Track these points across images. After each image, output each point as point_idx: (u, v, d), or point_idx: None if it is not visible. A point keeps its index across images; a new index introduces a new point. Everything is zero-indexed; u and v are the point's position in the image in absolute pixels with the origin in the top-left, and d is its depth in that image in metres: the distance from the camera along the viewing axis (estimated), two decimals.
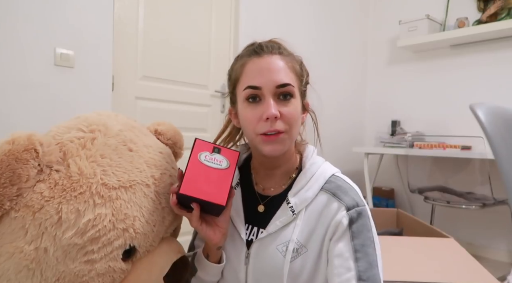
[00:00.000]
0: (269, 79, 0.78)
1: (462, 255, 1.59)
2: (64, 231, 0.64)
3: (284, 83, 0.79)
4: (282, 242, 0.82)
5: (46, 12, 1.77)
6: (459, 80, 3.15)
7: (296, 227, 0.81)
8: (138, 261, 0.76)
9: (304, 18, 3.11)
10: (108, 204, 0.68)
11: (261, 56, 0.81)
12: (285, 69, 0.80)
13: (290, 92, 0.80)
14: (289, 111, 0.79)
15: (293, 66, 0.83)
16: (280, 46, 0.84)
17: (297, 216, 0.82)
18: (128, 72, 2.15)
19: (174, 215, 0.83)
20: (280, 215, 0.83)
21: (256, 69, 0.80)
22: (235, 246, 0.86)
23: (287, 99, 0.80)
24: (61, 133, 0.71)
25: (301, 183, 0.85)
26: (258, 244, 0.84)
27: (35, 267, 0.65)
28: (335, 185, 0.84)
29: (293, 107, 0.80)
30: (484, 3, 2.98)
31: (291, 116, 0.79)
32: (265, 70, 0.79)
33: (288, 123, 0.79)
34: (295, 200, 0.83)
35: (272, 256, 0.82)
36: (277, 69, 0.79)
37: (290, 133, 0.80)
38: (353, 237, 0.78)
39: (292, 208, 0.82)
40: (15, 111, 1.69)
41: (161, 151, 0.85)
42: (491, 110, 1.13)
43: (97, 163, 0.69)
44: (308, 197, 0.83)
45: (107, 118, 0.78)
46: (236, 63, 0.86)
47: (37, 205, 0.64)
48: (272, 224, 0.83)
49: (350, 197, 0.81)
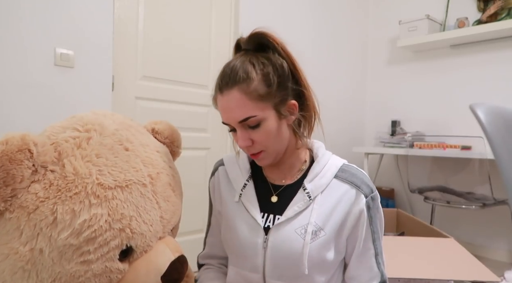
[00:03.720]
0: (231, 117, 0.82)
1: (463, 254, 1.59)
2: (60, 231, 0.64)
3: (243, 118, 0.81)
4: (301, 225, 0.85)
5: (46, 12, 1.76)
6: (459, 80, 3.14)
7: (313, 210, 0.85)
8: (135, 261, 0.76)
9: (304, 18, 3.10)
10: (104, 204, 0.67)
11: (222, 94, 0.83)
12: (242, 102, 0.80)
13: (254, 122, 0.82)
14: (259, 136, 0.83)
15: (252, 92, 0.81)
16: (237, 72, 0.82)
17: (313, 201, 0.86)
18: (128, 72, 2.15)
19: (171, 214, 0.83)
20: (297, 201, 0.87)
21: (220, 107, 0.84)
22: (252, 233, 0.88)
23: (255, 127, 0.83)
24: (56, 133, 0.70)
25: (315, 171, 0.89)
26: (276, 229, 0.86)
27: (30, 268, 0.64)
28: (350, 173, 0.90)
29: (263, 132, 0.83)
30: (484, 3, 2.97)
31: (263, 139, 0.84)
32: (226, 109, 0.83)
33: (263, 144, 0.84)
34: (311, 186, 0.87)
35: (291, 239, 0.84)
36: (234, 106, 0.81)
37: (270, 148, 0.86)
38: (371, 221, 0.87)
39: (308, 194, 0.87)
40: (15, 111, 1.69)
41: (158, 150, 0.84)
42: (491, 110, 1.12)
43: (92, 162, 0.69)
44: (323, 183, 0.87)
45: (103, 117, 0.78)
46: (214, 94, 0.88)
47: (32, 205, 0.63)
48: (289, 209, 0.87)
49: (366, 184, 0.88)
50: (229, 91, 0.81)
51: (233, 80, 0.81)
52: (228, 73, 0.83)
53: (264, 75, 0.82)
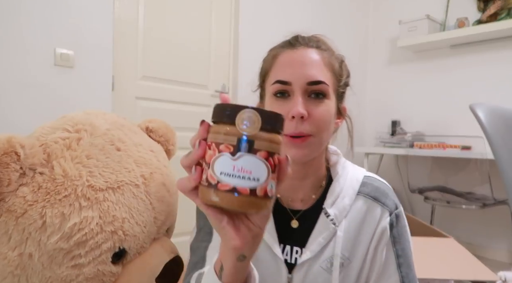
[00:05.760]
0: (301, 73, 0.69)
1: (463, 254, 1.59)
2: (49, 235, 0.62)
3: (317, 80, 0.69)
4: (326, 258, 0.72)
5: (46, 12, 1.76)
6: (459, 80, 3.13)
7: (338, 239, 0.72)
8: (129, 263, 0.75)
9: (303, 18, 3.09)
10: (95, 206, 0.66)
11: (295, 48, 0.72)
12: (320, 64, 0.70)
13: (323, 91, 0.70)
14: (319, 112, 0.69)
15: (330, 62, 0.73)
16: (319, 40, 0.75)
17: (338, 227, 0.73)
18: (128, 72, 2.14)
19: (166, 215, 0.81)
20: (321, 230, 0.73)
21: (287, 61, 0.71)
22: (272, 270, 0.73)
23: (319, 98, 0.70)
24: (45, 134, 0.69)
25: (336, 191, 0.76)
26: (301, 266, 0.73)
27: (20, 273, 0.63)
28: (373, 187, 0.77)
29: (325, 108, 0.70)
30: (484, 3, 2.96)
31: (321, 117, 0.69)
32: (297, 64, 0.70)
33: (317, 125, 0.69)
34: (334, 211, 0.73)
35: (317, 275, 0.72)
36: (311, 63, 0.70)
37: (319, 136, 0.70)
38: (395, 242, 0.74)
39: (333, 221, 0.73)
40: (15, 111, 1.69)
41: (152, 149, 0.83)
42: (491, 110, 1.11)
43: (82, 164, 0.67)
44: (346, 205, 0.74)
45: (95, 117, 0.76)
46: (268, 54, 0.77)
47: (20, 209, 0.62)
48: (314, 242, 0.73)
49: (390, 200, 0.76)
50: (306, 49, 0.71)
51: (314, 42, 0.73)
52: (307, 36, 0.75)
53: (340, 59, 0.76)
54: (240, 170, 0.41)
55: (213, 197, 0.42)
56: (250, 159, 0.41)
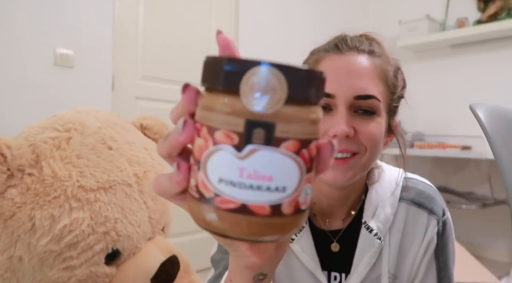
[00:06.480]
0: (347, 85, 0.58)
1: (462, 254, 1.58)
2: (39, 238, 0.61)
3: (366, 94, 0.58)
4: (373, 279, 0.64)
5: (46, 12, 1.76)
6: (459, 80, 3.12)
7: (384, 255, 0.64)
8: (123, 264, 0.74)
9: (303, 19, 3.08)
10: (86, 207, 0.65)
11: (342, 53, 0.61)
12: (371, 74, 0.60)
13: (373, 107, 0.59)
14: (367, 130, 0.58)
15: (384, 71, 0.62)
16: (371, 43, 0.65)
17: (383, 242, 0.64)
18: (128, 72, 2.14)
19: (161, 214, 0.80)
20: (366, 249, 0.64)
21: (332, 69, 0.60)
22: None
23: (367, 115, 0.59)
24: (34, 134, 0.67)
25: (374, 200, 0.66)
26: None
27: (10, 276, 0.62)
28: (416, 191, 0.68)
29: (375, 125, 0.59)
30: (484, 3, 2.95)
31: (370, 135, 0.59)
32: (344, 73, 0.59)
33: (366, 143, 0.59)
34: (376, 223, 0.64)
35: None
36: (360, 72, 0.59)
37: (365, 157, 0.59)
38: (438, 254, 0.66)
39: (377, 235, 0.63)
40: (14, 111, 1.68)
41: (145, 147, 0.81)
42: (491, 110, 1.10)
43: (72, 164, 0.66)
44: (388, 214, 0.65)
45: (85, 115, 0.75)
46: (310, 58, 0.67)
47: (8, 212, 0.60)
48: (359, 264, 0.64)
49: (438, 205, 0.67)
50: (355, 55, 0.61)
51: (366, 46, 0.63)
52: (356, 37, 0.65)
53: (396, 66, 0.66)
54: (253, 175, 0.24)
55: (208, 217, 0.26)
56: (270, 156, 0.25)
